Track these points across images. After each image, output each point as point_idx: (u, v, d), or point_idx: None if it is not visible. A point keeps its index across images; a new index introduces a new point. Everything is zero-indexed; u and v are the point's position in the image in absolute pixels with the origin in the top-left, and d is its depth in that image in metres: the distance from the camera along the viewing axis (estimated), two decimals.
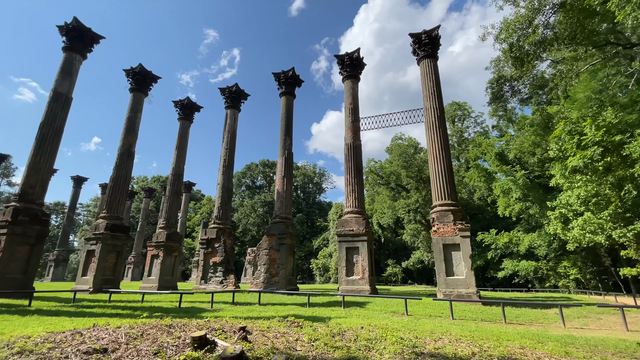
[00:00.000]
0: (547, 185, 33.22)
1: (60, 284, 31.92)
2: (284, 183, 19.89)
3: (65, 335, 5.59)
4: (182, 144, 24.21)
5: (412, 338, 6.67)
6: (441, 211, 15.09)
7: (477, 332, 7.62)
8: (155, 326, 6.31)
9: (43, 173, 15.71)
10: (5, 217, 14.30)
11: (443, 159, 15.99)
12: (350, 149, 18.35)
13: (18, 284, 14.05)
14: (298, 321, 7.74)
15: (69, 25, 17.82)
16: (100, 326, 6.37)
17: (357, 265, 15.90)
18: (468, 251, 14.13)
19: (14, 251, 14.14)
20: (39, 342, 5.19)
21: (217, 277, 19.46)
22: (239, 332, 6.30)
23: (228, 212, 21.60)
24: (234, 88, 23.91)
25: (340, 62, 20.26)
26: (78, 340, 5.31)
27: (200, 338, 5.31)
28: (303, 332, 6.83)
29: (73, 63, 17.65)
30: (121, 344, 5.31)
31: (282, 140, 20.82)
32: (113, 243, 17.99)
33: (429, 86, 17.51)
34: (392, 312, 11.25)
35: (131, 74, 21.33)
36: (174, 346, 5.28)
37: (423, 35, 18.27)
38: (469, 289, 13.69)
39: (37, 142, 15.81)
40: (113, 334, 5.72)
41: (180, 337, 5.68)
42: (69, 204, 42.39)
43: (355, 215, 16.84)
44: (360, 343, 6.13)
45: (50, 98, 16.65)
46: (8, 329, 7.08)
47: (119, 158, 19.55)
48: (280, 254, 18.01)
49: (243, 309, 11.36)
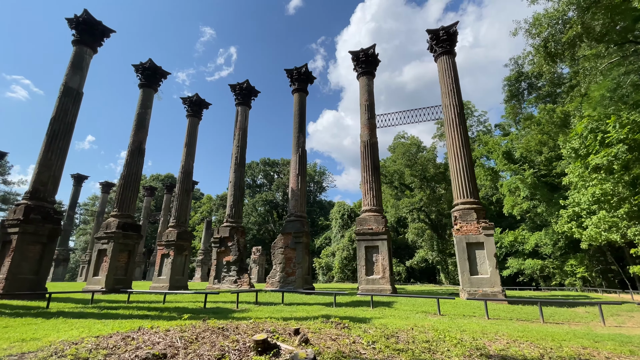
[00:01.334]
0: (553, 183, 33.37)
1: (65, 284, 31.35)
2: (298, 181, 19.58)
3: (115, 340, 5.26)
4: (191, 141, 23.76)
5: (469, 339, 6.43)
6: (464, 209, 14.91)
7: (527, 332, 7.41)
8: (207, 329, 5.99)
9: (55, 170, 15.21)
10: (16, 215, 13.82)
11: (464, 156, 15.80)
12: (367, 146, 18.09)
13: (30, 285, 13.60)
14: (344, 322, 7.46)
15: (78, 18, 17.30)
16: (148, 329, 6.04)
17: (377, 265, 15.66)
18: (492, 250, 13.97)
19: (25, 251, 13.67)
20: (91, 348, 4.86)
21: (230, 276, 19.10)
22: (294, 334, 6.02)
23: (240, 210, 21.23)
24: (245, 85, 23.51)
25: (355, 58, 19.98)
26: (132, 345, 4.98)
27: (263, 342, 5.02)
28: (354, 333, 6.56)
29: (83, 57, 17.13)
30: (179, 349, 5.00)
31: (296, 138, 20.51)
32: (125, 242, 17.55)
33: (448, 83, 17.31)
34: (423, 312, 11.02)
35: (140, 69, 20.84)
36: (236, 350, 4.98)
37: (441, 32, 18.06)
38: (494, 288, 13.53)
39: (48, 138, 15.30)
40: (166, 337, 5.39)
41: (239, 341, 5.37)
42: (69, 203, 41.58)
43: (374, 214, 16.60)
44: (421, 345, 5.88)
45: (61, 93, 16.14)
46: (39, 333, 6.69)
47: (130, 155, 19.07)
48: (297, 253, 17.72)
49: (270, 309, 11.05)
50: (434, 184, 49.52)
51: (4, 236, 13.83)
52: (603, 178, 18.71)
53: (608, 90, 18.92)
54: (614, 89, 18.73)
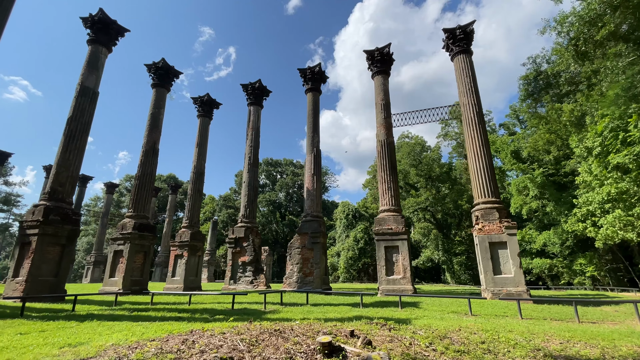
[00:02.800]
0: (560, 182, 33.44)
1: (76, 285, 31.10)
2: (313, 181, 19.48)
3: (176, 344, 5.14)
4: (202, 141, 23.62)
5: (522, 340, 6.35)
6: (485, 209, 14.85)
7: (574, 332, 7.34)
8: (263, 331, 5.89)
9: (73, 170, 15.05)
10: (35, 216, 13.65)
11: (484, 155, 15.75)
12: (384, 145, 18.02)
13: (50, 287, 13.44)
14: (388, 323, 7.38)
15: (94, 17, 17.14)
16: (202, 332, 5.93)
17: (398, 265, 15.59)
18: (516, 249, 13.92)
19: (45, 252, 13.51)
20: (155, 352, 4.74)
21: (246, 276, 18.97)
22: (350, 336, 5.92)
23: (255, 210, 21.11)
24: (257, 84, 23.39)
25: (370, 57, 19.91)
26: (196, 349, 4.87)
27: (329, 344, 4.93)
28: (404, 334, 6.47)
29: (99, 56, 16.97)
30: (243, 352, 4.89)
31: (310, 138, 20.40)
32: (141, 243, 17.39)
33: (466, 82, 17.26)
34: (453, 312, 10.94)
35: (153, 69, 20.68)
36: (302, 353, 4.88)
37: (457, 30, 18.03)
38: (518, 288, 13.47)
39: (65, 138, 15.14)
40: (226, 340, 5.28)
41: (301, 343, 5.27)
42: (74, 204, 41.21)
43: (393, 214, 16.52)
44: (479, 346, 5.79)
45: (77, 92, 15.97)
46: (82, 337, 6.53)
47: (144, 155, 18.92)
48: (314, 253, 17.62)
49: (299, 310, 10.94)
50: (438, 184, 49.53)
51: (22, 238, 13.66)
52: (618, 177, 18.76)
53: (622, 89, 18.97)
54: (628, 87, 18.78)
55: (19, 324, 7.90)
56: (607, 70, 13.69)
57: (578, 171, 29.93)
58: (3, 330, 7.13)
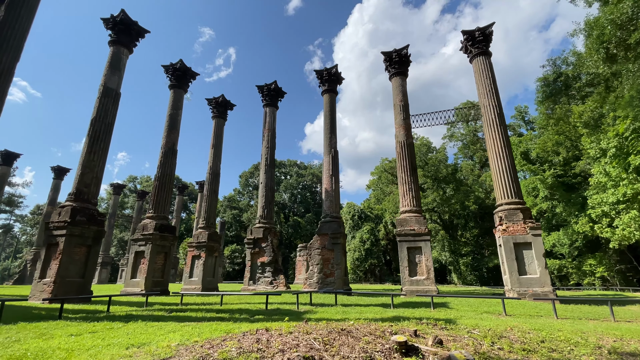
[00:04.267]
0: (569, 183, 33.63)
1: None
2: (332, 182, 19.54)
3: (251, 342, 5.19)
4: (217, 142, 23.66)
5: (578, 339, 6.42)
6: (509, 210, 14.94)
7: (622, 331, 7.42)
8: (331, 331, 5.94)
9: (97, 171, 15.08)
10: (62, 217, 13.65)
11: (506, 156, 15.86)
12: (403, 146, 18.10)
13: (77, 288, 13.44)
14: (439, 324, 7.44)
15: (115, 19, 17.18)
16: (265, 331, 5.98)
17: (421, 265, 15.65)
18: (541, 249, 14.01)
19: (72, 253, 13.51)
20: (238, 351, 4.78)
21: (266, 277, 18.99)
22: (414, 335, 5.98)
23: (272, 211, 21.15)
24: (273, 86, 23.46)
25: (388, 58, 20.03)
26: (275, 348, 4.92)
27: (406, 343, 5.00)
28: (460, 334, 6.53)
29: (121, 57, 17.01)
30: (320, 351, 4.94)
31: (328, 139, 20.47)
32: (162, 244, 17.40)
33: (486, 84, 17.39)
34: (486, 312, 11.02)
35: (171, 70, 20.73)
36: (379, 352, 4.93)
37: (476, 33, 18.16)
38: (544, 288, 13.56)
39: (89, 138, 15.15)
40: (302, 340, 5.32)
41: (374, 343, 5.32)
42: None
43: (415, 215, 16.59)
44: (542, 345, 5.86)
45: (100, 93, 15.99)
46: (140, 337, 6.52)
47: (163, 156, 18.94)
48: (335, 254, 17.67)
49: (333, 310, 10.98)
50: (443, 184, 49.69)
51: (49, 239, 13.66)
52: (634, 178, 18.92)
53: (638, 92, 19.15)
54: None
55: (63, 326, 7.87)
56: (628, 73, 13.83)
57: (589, 172, 30.19)
58: (53, 332, 7.11)
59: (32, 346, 5.62)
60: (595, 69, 13.70)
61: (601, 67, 13.40)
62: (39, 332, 7.16)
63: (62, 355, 5.12)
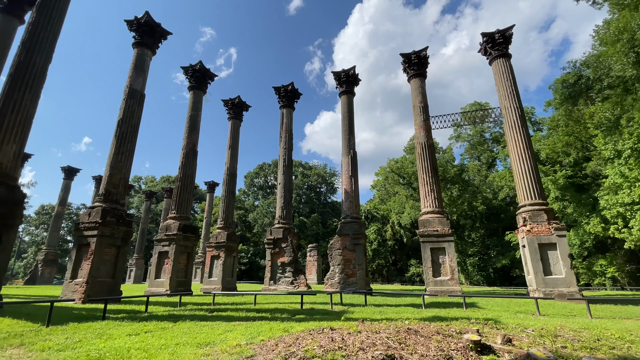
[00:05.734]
0: (579, 184, 33.81)
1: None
2: (351, 182, 19.68)
3: (327, 342, 5.31)
4: (234, 143, 23.79)
5: (633, 337, 6.56)
6: (533, 211, 15.08)
7: None
8: (399, 330, 6.07)
9: (124, 172, 15.20)
10: (93, 218, 13.77)
11: (529, 158, 16.01)
12: (424, 148, 18.25)
13: (107, 288, 13.55)
14: (489, 323, 7.59)
15: (139, 20, 17.32)
16: (330, 330, 6.12)
17: (445, 266, 15.80)
18: (566, 250, 14.17)
19: (102, 254, 13.63)
20: (321, 350, 4.91)
21: (286, 277, 19.13)
22: (476, 334, 6.11)
23: (291, 211, 21.29)
24: (290, 87, 23.60)
25: (407, 60, 20.17)
26: (355, 347, 5.05)
27: (479, 342, 5.14)
28: (516, 333, 6.67)
29: (145, 59, 17.14)
30: (397, 349, 5.08)
31: (347, 140, 20.61)
32: (185, 244, 17.52)
33: (506, 85, 17.53)
34: (519, 312, 11.16)
35: (190, 71, 20.85)
36: (455, 350, 5.07)
37: (496, 35, 18.31)
38: (570, 288, 13.71)
39: (117, 140, 15.27)
40: (377, 339, 5.45)
41: (446, 342, 5.45)
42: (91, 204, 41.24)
43: (438, 216, 16.74)
44: (599, 343, 6.00)
45: (126, 95, 16.11)
46: (201, 336, 6.60)
47: (185, 157, 19.05)
48: (357, 254, 17.80)
49: (368, 309, 11.12)
50: (450, 185, 49.85)
51: (79, 239, 13.78)
52: None
53: None
54: None
55: (114, 326, 7.95)
56: None
57: (599, 173, 30.37)
58: (109, 332, 7.19)
59: (100, 346, 5.66)
60: (622, 72, 13.88)
61: (629, 70, 13.58)
62: (96, 332, 7.24)
63: (141, 355, 5.20)
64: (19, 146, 11.43)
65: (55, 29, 13.10)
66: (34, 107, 12.14)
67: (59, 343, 6.14)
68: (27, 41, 12.27)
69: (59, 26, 13.33)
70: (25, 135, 11.72)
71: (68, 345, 6.00)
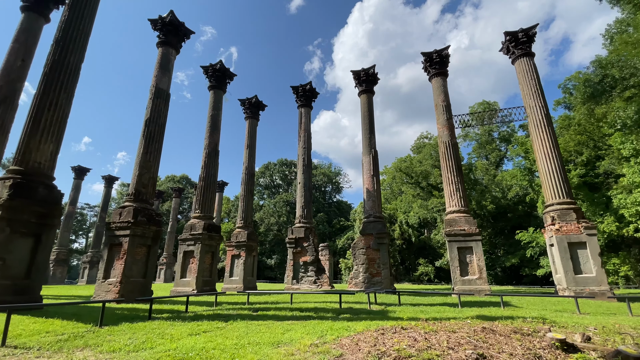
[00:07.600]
0: (592, 183, 33.88)
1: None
2: (373, 182, 19.68)
3: (410, 342, 5.31)
4: (251, 143, 23.77)
5: None
6: (562, 210, 15.11)
7: None
8: (476, 329, 6.08)
9: (153, 171, 15.18)
10: (124, 217, 13.76)
11: (556, 157, 16.02)
12: (448, 147, 18.25)
13: (140, 288, 13.55)
14: (547, 322, 7.60)
15: (164, 20, 17.26)
16: (402, 329, 6.13)
17: (472, 265, 15.81)
18: (596, 249, 14.20)
19: (134, 253, 13.61)
20: (417, 350, 4.89)
21: (309, 276, 19.14)
22: (547, 332, 6.11)
23: (311, 211, 21.29)
24: (308, 87, 23.58)
25: (428, 59, 20.14)
26: (442, 346, 5.06)
27: (564, 341, 5.14)
28: (579, 331, 6.68)
29: (169, 58, 17.10)
30: (483, 349, 5.08)
31: (367, 139, 20.61)
32: (209, 243, 17.52)
33: (531, 84, 17.54)
34: (557, 311, 11.17)
35: (210, 71, 20.81)
36: (542, 349, 5.07)
37: (520, 34, 18.32)
38: (601, 287, 13.75)
39: (145, 139, 15.24)
40: (462, 339, 5.46)
41: (531, 341, 5.46)
42: (101, 204, 41.25)
43: (464, 215, 16.75)
44: None
45: (152, 94, 16.08)
46: (266, 336, 6.52)
47: (207, 157, 19.03)
48: (381, 254, 17.82)
49: (405, 309, 11.09)
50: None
51: (111, 239, 13.75)
52: None
53: None
54: None
55: (168, 326, 7.87)
56: None
57: (612, 171, 30.43)
58: (168, 332, 7.11)
59: (172, 346, 5.54)
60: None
61: None
62: (155, 332, 7.17)
63: (224, 356, 5.16)
64: (55, 145, 11.41)
65: (87, 27, 13.08)
66: (68, 106, 12.13)
67: (126, 344, 6.06)
68: (60, 40, 12.24)
69: (90, 24, 13.31)
70: (61, 134, 11.69)
71: (138, 346, 5.91)
